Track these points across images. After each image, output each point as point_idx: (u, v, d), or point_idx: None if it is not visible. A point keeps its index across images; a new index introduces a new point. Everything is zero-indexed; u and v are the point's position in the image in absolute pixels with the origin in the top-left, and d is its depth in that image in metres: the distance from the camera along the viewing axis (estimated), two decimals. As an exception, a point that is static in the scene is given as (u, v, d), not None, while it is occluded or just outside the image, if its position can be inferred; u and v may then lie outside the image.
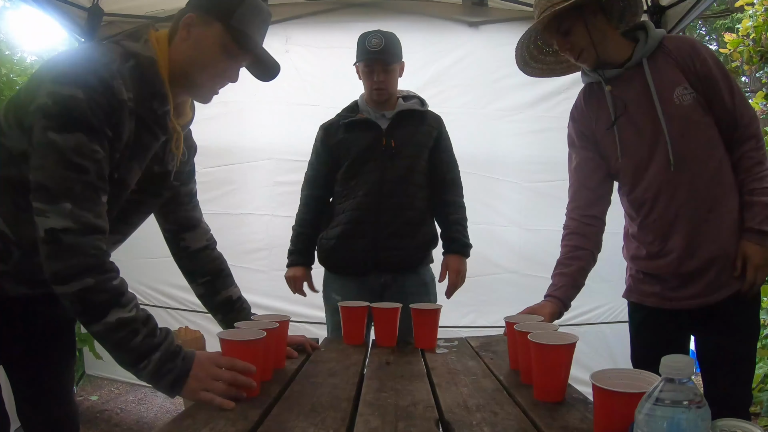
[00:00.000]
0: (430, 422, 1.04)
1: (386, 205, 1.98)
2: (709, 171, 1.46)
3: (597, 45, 1.49)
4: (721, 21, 8.41)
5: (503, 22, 3.25)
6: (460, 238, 2.11)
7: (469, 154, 2.19)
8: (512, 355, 1.39)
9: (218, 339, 1.20)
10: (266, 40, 1.37)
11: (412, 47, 3.31)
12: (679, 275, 1.51)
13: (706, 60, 1.45)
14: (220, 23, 1.20)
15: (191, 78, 1.23)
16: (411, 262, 2.05)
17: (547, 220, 3.28)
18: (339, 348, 1.67)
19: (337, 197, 2.07)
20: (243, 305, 1.61)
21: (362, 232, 1.98)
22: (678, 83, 1.46)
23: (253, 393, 1.15)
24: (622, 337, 3.31)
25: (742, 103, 1.47)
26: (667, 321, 1.56)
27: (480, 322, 3.24)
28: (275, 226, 3.29)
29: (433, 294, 2.11)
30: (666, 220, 1.50)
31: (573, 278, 1.63)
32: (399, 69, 2.05)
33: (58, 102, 1.03)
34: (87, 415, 3.28)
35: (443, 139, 2.14)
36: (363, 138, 2.02)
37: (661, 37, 1.50)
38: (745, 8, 3.79)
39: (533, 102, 3.26)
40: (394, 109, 2.06)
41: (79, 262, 1.03)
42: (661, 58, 1.49)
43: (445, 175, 2.13)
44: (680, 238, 1.48)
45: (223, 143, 3.33)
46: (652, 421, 0.69)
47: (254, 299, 3.23)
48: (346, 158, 2.02)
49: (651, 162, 1.51)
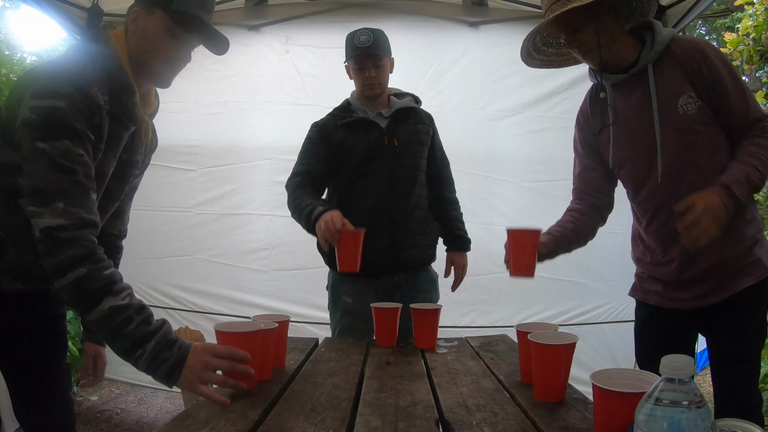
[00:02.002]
0: (430, 422, 1.04)
1: (399, 204, 1.98)
2: (711, 181, 1.40)
3: (603, 48, 1.45)
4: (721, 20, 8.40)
5: (503, 22, 3.25)
6: (462, 234, 2.18)
7: (468, 154, 2.20)
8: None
9: (215, 332, 1.22)
10: (266, 40, 1.38)
11: (412, 47, 3.34)
12: (680, 281, 1.50)
13: (714, 64, 1.39)
14: (161, 10, 1.25)
15: (147, 67, 1.30)
16: (425, 259, 2.08)
17: (547, 219, 3.27)
18: (339, 348, 1.67)
19: (344, 198, 2.02)
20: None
21: (380, 232, 1.94)
22: (683, 92, 1.41)
23: (250, 385, 1.17)
24: (622, 337, 3.34)
25: (755, 105, 1.42)
26: (670, 319, 1.55)
27: (480, 322, 3.24)
28: (275, 226, 3.29)
29: (438, 291, 2.15)
30: (668, 228, 1.47)
31: (568, 231, 1.65)
32: (389, 65, 2.04)
33: (41, 114, 1.11)
34: (87, 415, 3.28)
35: (436, 136, 2.17)
36: (365, 138, 1.99)
37: (668, 40, 1.44)
38: (745, 7, 3.78)
39: (533, 102, 3.26)
40: (388, 106, 2.05)
41: (73, 253, 1.09)
42: (668, 63, 1.44)
43: (441, 172, 2.17)
44: (681, 247, 1.44)
45: (223, 143, 3.33)
46: (652, 421, 0.69)
47: (254, 299, 3.28)
48: (351, 158, 1.99)
49: (651, 171, 1.48)
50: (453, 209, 2.19)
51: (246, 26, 3.27)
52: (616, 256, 3.13)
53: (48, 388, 1.45)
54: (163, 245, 3.37)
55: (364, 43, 1.93)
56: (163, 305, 3.37)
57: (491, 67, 3.25)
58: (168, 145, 3.36)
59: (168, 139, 3.34)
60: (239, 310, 3.24)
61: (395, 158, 1.98)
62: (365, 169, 1.98)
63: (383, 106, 2.05)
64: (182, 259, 3.34)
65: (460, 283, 2.20)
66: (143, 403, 3.55)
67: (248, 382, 1.17)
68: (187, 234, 3.35)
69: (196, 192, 3.34)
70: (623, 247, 3.14)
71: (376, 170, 1.98)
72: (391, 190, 1.98)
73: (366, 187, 1.98)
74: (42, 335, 1.44)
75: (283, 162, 3.26)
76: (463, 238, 2.18)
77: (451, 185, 2.21)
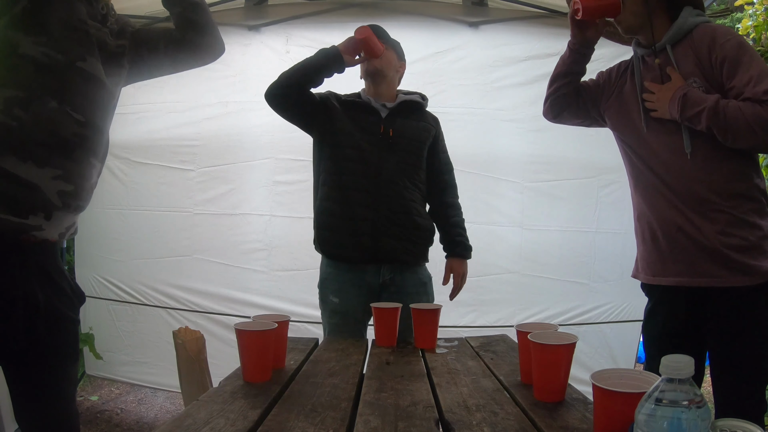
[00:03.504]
0: (430, 422, 1.04)
1: (384, 192, 1.96)
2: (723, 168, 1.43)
3: (641, 19, 1.52)
4: (721, 20, 8.41)
5: (503, 22, 3.25)
6: (462, 241, 2.13)
7: (469, 154, 2.19)
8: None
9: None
10: (266, 40, 1.37)
11: (412, 47, 3.32)
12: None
13: (723, 45, 1.40)
14: None
15: None
16: (410, 256, 2.02)
17: (547, 219, 3.29)
18: (339, 348, 1.67)
19: (328, 169, 2.02)
20: None
21: (362, 215, 1.94)
22: (690, 75, 1.45)
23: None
24: (622, 337, 3.34)
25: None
26: (670, 312, 1.54)
27: (480, 322, 3.24)
28: (274, 226, 3.29)
29: (431, 294, 2.10)
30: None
31: None
32: (394, 56, 2.07)
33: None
34: (87, 415, 3.28)
35: (441, 140, 2.15)
36: (361, 119, 2.00)
37: (690, 27, 1.48)
38: (745, 7, 3.78)
39: (533, 101, 3.25)
40: (395, 101, 2.07)
41: None
42: (683, 47, 1.49)
43: (443, 176, 2.14)
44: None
45: (222, 143, 3.33)
46: (652, 421, 0.69)
47: (254, 299, 3.28)
48: (341, 132, 1.99)
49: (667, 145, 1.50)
50: (454, 215, 2.14)
51: (246, 26, 3.27)
52: (616, 256, 3.13)
53: (51, 393, 1.40)
54: (163, 245, 3.37)
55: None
56: (163, 305, 3.38)
57: (491, 67, 3.25)
58: (167, 145, 3.38)
59: (167, 138, 3.37)
60: (239, 310, 3.24)
61: (386, 148, 1.97)
62: (355, 149, 1.97)
63: (390, 100, 2.07)
64: (181, 259, 3.34)
65: (459, 291, 2.15)
66: (143, 403, 3.55)
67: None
68: (187, 234, 3.35)
69: (195, 192, 3.34)
70: (623, 247, 3.15)
71: (366, 155, 1.97)
72: (377, 176, 1.96)
73: (353, 166, 1.97)
74: (50, 338, 1.36)
75: (282, 162, 3.27)
76: (463, 244, 2.13)
77: (453, 190, 2.17)
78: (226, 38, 1.63)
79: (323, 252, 2.05)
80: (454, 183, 2.19)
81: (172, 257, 3.37)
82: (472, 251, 2.15)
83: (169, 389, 3.37)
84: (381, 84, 2.05)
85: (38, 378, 1.39)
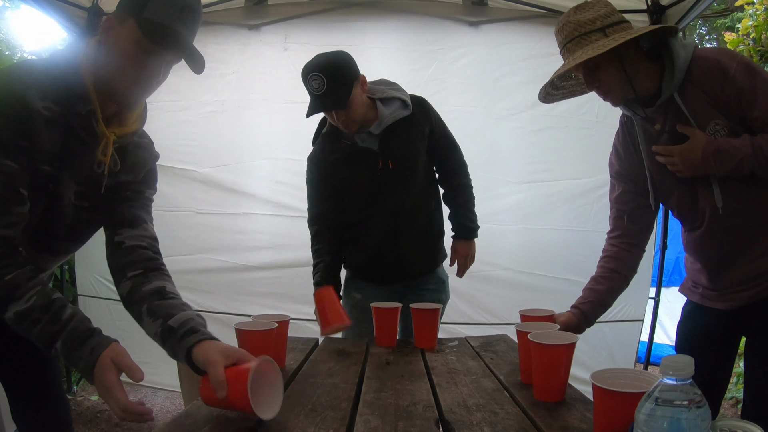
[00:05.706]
0: (430, 422, 1.04)
1: (403, 225, 1.97)
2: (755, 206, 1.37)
3: (632, 79, 1.35)
4: (721, 20, 8.40)
5: (503, 21, 3.25)
6: (466, 223, 2.11)
7: (469, 154, 2.17)
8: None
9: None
10: (266, 40, 1.34)
11: (412, 47, 3.34)
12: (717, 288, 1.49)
13: (735, 78, 1.29)
14: (132, 18, 1.12)
15: (113, 83, 1.16)
16: (433, 263, 2.09)
17: (547, 219, 3.29)
18: (339, 348, 1.67)
19: (351, 224, 2.00)
20: (176, 300, 1.33)
21: (386, 253, 1.98)
22: (711, 118, 1.33)
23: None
24: (622, 337, 3.33)
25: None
26: (711, 317, 1.52)
27: (480, 320, 3.24)
28: (275, 225, 3.29)
29: (448, 291, 2.14)
30: (720, 253, 1.45)
31: (601, 296, 1.62)
32: (359, 91, 1.82)
33: None
34: (87, 415, 3.28)
35: (436, 127, 2.03)
36: (361, 169, 1.91)
37: (687, 63, 1.33)
38: (745, 7, 3.78)
39: (534, 101, 3.22)
40: (377, 119, 1.90)
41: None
42: (690, 90, 1.34)
43: (447, 162, 2.09)
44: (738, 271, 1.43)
45: (222, 143, 3.33)
46: (652, 421, 0.69)
47: (254, 299, 3.27)
48: (350, 191, 1.95)
49: (698, 197, 1.43)
50: (458, 195, 2.11)
51: (246, 26, 3.26)
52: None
53: (43, 389, 1.43)
54: (164, 245, 3.33)
55: (317, 90, 1.78)
56: (163, 305, 3.37)
57: (491, 67, 3.25)
58: (167, 144, 3.37)
59: (167, 138, 3.36)
60: (241, 309, 3.24)
61: (392, 182, 1.91)
62: (367, 198, 1.94)
63: (371, 122, 1.90)
64: (183, 259, 3.34)
65: (465, 270, 2.15)
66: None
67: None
68: (188, 234, 3.35)
69: (197, 191, 3.34)
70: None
71: (378, 198, 1.93)
72: (395, 214, 1.94)
73: (371, 213, 1.96)
74: None
75: (282, 161, 3.27)
76: (466, 227, 2.11)
77: (460, 170, 2.12)
78: (226, 38, 1.61)
79: (349, 272, 2.11)
80: (461, 162, 2.13)
81: (173, 257, 3.36)
82: (477, 231, 2.13)
83: (169, 389, 3.37)
84: (357, 125, 1.88)
85: (27, 375, 1.41)
